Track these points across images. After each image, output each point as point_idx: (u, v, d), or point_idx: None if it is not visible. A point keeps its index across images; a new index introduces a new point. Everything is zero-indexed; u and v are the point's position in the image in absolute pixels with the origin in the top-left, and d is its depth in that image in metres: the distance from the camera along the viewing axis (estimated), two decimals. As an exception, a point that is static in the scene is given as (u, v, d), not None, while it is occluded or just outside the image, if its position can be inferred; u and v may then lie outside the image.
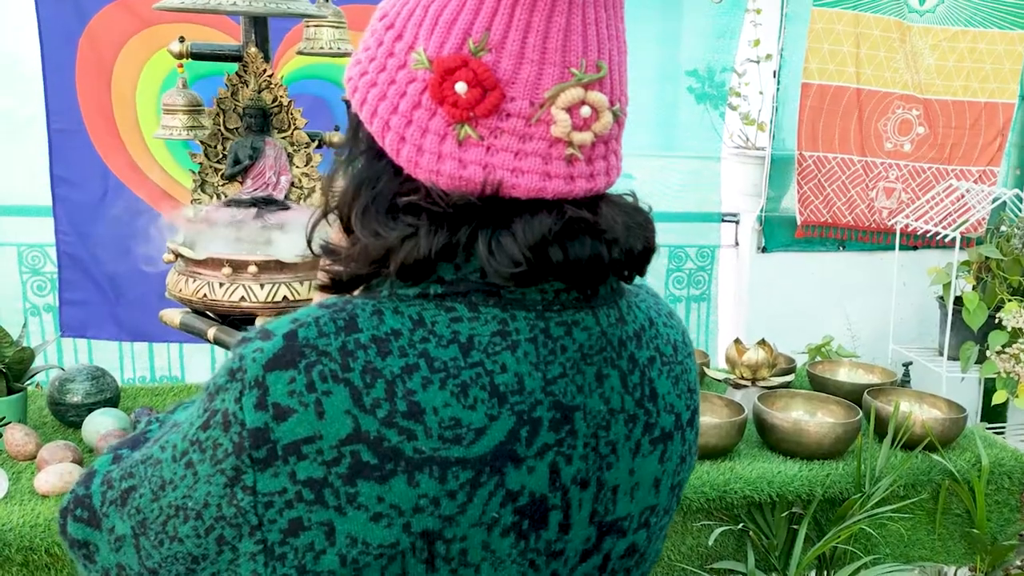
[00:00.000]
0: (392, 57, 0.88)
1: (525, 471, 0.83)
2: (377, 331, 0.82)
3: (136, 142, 3.28)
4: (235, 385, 0.80)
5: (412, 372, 0.80)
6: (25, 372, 2.23)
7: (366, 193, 0.89)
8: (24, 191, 3.61)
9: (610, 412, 0.89)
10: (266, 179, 2.25)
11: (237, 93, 2.25)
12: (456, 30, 0.84)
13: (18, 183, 3.66)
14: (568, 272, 0.85)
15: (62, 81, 3.17)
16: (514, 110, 0.84)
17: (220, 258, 2.08)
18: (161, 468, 0.86)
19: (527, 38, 0.83)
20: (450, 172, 0.85)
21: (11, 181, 3.67)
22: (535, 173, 0.85)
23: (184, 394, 2.63)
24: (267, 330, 0.83)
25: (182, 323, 2.24)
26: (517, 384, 0.83)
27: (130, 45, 3.19)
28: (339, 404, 0.78)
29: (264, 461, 0.78)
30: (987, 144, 3.92)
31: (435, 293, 0.86)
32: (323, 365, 0.79)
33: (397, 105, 0.87)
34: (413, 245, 0.84)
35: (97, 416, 2.21)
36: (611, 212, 0.88)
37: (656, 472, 0.95)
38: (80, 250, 3.36)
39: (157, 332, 3.45)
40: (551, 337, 0.86)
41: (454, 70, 0.84)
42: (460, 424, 0.80)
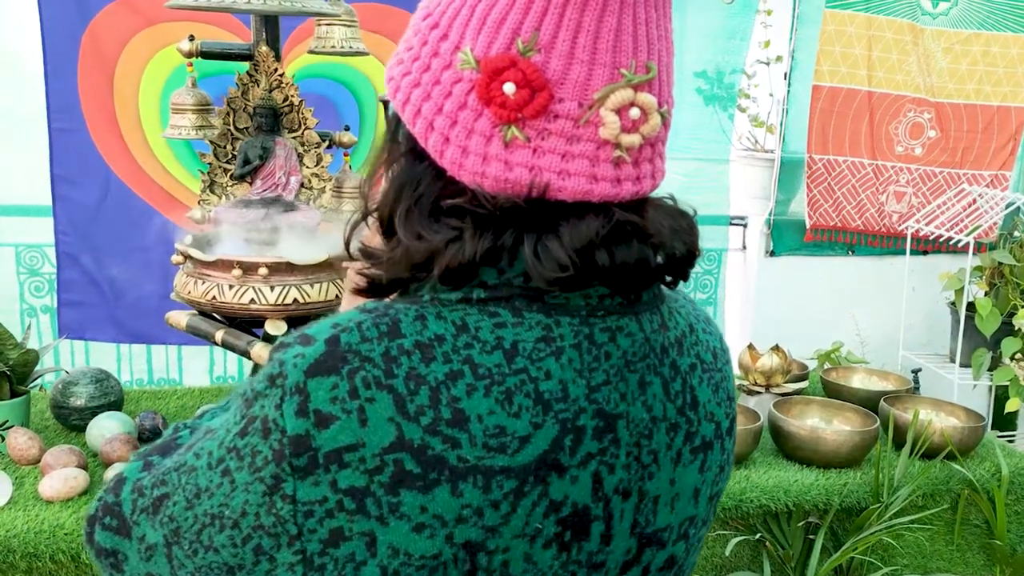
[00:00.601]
0: (437, 57, 0.86)
1: (568, 481, 0.81)
2: (420, 336, 0.80)
3: (138, 142, 3.23)
4: (275, 391, 0.78)
5: (456, 379, 0.78)
6: (29, 375, 2.19)
7: (407, 195, 0.87)
8: (23, 191, 3.57)
9: (652, 420, 0.88)
10: (276, 180, 2.21)
11: (248, 92, 2.21)
12: (505, 30, 0.82)
13: (17, 183, 3.62)
14: (614, 276, 0.84)
15: (64, 80, 3.13)
16: (562, 111, 0.82)
17: (230, 260, 2.04)
18: (196, 476, 0.84)
19: (577, 38, 0.81)
20: (495, 174, 0.83)
21: (9, 181, 3.63)
22: (582, 175, 0.83)
23: (188, 398, 2.58)
24: (307, 335, 0.81)
25: (189, 325, 2.20)
26: (561, 391, 0.81)
27: (133, 43, 3.15)
28: (382, 411, 0.76)
29: (305, 469, 0.76)
30: (999, 148, 3.89)
31: (478, 298, 0.84)
32: (366, 371, 0.77)
33: (442, 106, 0.85)
34: (458, 248, 0.82)
35: (102, 420, 2.16)
36: (657, 215, 0.87)
37: (696, 482, 0.93)
38: (80, 250, 3.31)
39: (157, 334, 3.41)
40: (595, 343, 0.85)
41: (502, 70, 0.82)
42: (504, 432, 0.78)
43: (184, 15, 3.09)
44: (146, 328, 3.41)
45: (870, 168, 3.85)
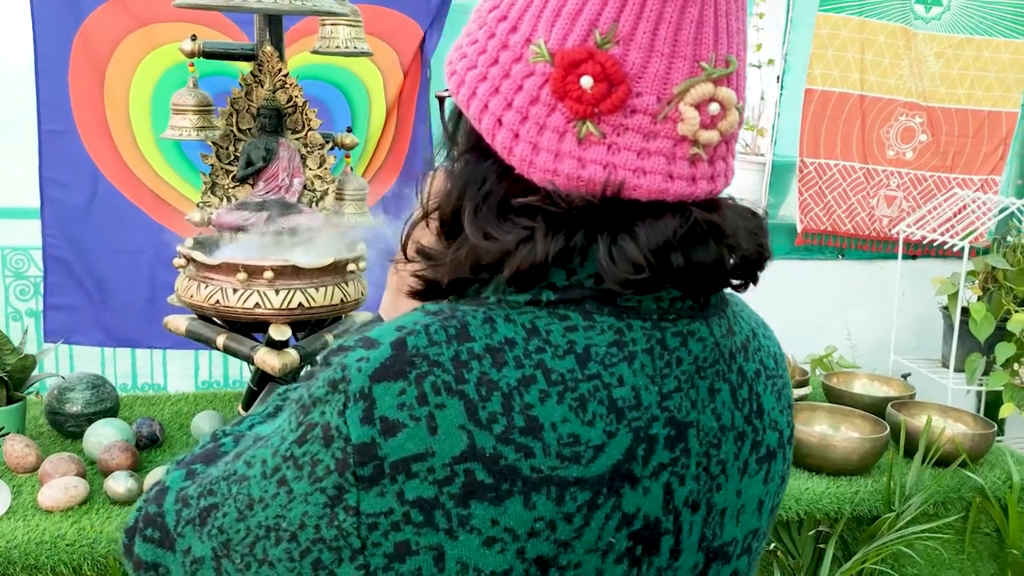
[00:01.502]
0: (506, 50, 0.83)
1: (641, 492, 0.78)
2: (490, 340, 0.77)
3: (128, 144, 3.17)
4: (337, 397, 0.75)
5: (529, 384, 0.75)
6: (26, 380, 2.14)
7: (472, 194, 0.84)
8: (9, 193, 3.50)
9: (721, 429, 0.85)
10: (279, 181, 2.17)
11: (251, 93, 2.17)
12: (581, 21, 0.79)
13: (2, 185, 3.55)
14: (688, 278, 0.81)
15: (54, 81, 3.06)
16: (640, 106, 0.79)
17: (235, 263, 2.00)
18: (249, 485, 0.80)
19: (658, 30, 0.78)
20: (568, 172, 0.80)
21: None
22: (658, 173, 0.80)
23: (183, 404, 2.53)
24: (370, 338, 0.78)
25: (188, 330, 2.16)
26: (634, 399, 0.78)
27: (125, 44, 3.09)
28: (453, 418, 0.73)
29: (370, 479, 0.73)
30: (989, 153, 3.90)
31: (547, 300, 0.81)
32: (435, 376, 0.74)
33: (511, 100, 0.82)
34: (530, 249, 0.79)
35: (99, 427, 2.12)
36: (732, 215, 0.84)
37: (760, 493, 0.91)
38: (67, 253, 3.24)
39: (143, 338, 3.35)
40: (667, 348, 0.82)
41: (579, 63, 0.79)
42: (578, 441, 0.75)
43: (176, 16, 3.04)
44: (133, 332, 3.34)
45: (861, 172, 3.85)
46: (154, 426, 2.21)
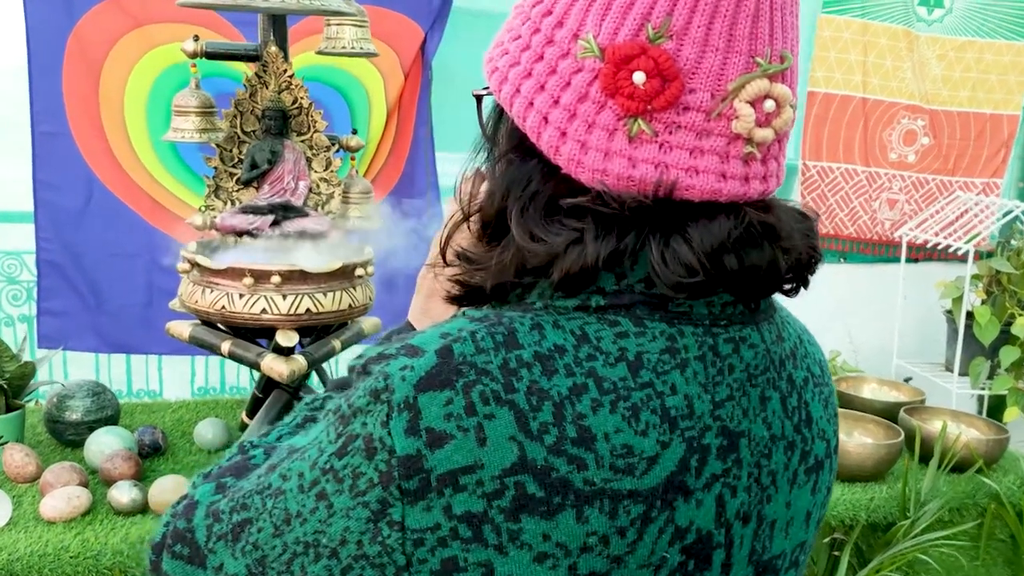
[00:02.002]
0: (552, 45, 0.80)
1: (694, 505, 0.76)
2: (539, 347, 0.74)
3: (123, 146, 3.12)
4: (380, 407, 0.72)
5: (581, 393, 0.72)
6: (25, 388, 2.09)
7: (516, 195, 0.81)
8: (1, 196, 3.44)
9: (772, 439, 0.83)
10: (284, 184, 2.13)
11: (256, 94, 2.12)
12: (633, 15, 0.76)
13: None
14: (742, 282, 0.78)
15: (48, 82, 3.01)
16: (693, 103, 0.76)
17: (241, 267, 1.95)
18: (285, 499, 0.77)
19: (713, 23, 0.75)
20: (618, 171, 0.77)
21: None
22: (712, 173, 0.77)
23: (185, 411, 2.48)
24: (413, 345, 0.75)
25: (192, 336, 2.11)
26: (687, 407, 0.76)
27: (120, 45, 3.04)
28: (503, 429, 0.70)
29: (415, 493, 0.70)
30: (991, 156, 3.88)
31: (596, 305, 0.78)
32: (484, 385, 0.71)
33: (558, 97, 0.79)
34: (579, 251, 0.76)
35: (101, 436, 2.07)
36: (786, 216, 0.81)
37: (808, 505, 0.88)
38: (61, 258, 3.19)
39: (138, 343, 3.32)
40: (719, 355, 0.79)
41: (631, 58, 0.76)
42: (632, 452, 0.73)
43: (172, 16, 3.01)
44: (128, 337, 3.30)
45: (863, 175, 3.83)
46: (156, 434, 2.16)
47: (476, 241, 0.89)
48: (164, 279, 3.17)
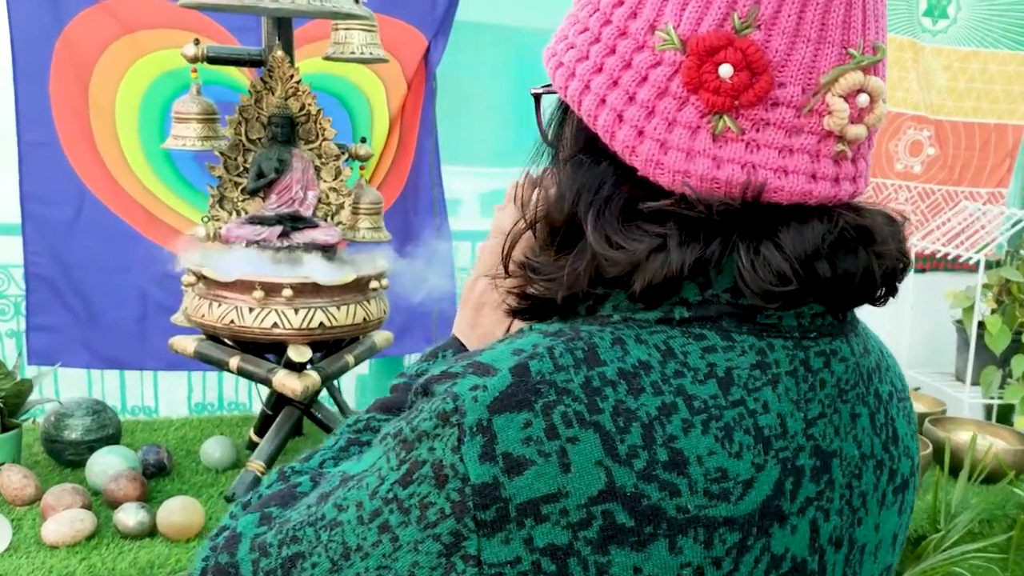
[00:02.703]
0: (625, 37, 0.74)
1: (789, 531, 0.71)
2: (623, 364, 0.68)
3: (114, 156, 3.04)
4: (449, 431, 0.66)
5: (670, 413, 0.67)
6: (21, 406, 2.00)
7: (588, 200, 0.75)
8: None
9: (862, 458, 0.78)
10: (293, 194, 2.05)
11: (261, 100, 2.05)
12: (717, 3, 0.70)
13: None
14: (834, 291, 0.73)
15: (35, 89, 2.92)
16: (783, 98, 0.71)
17: (251, 280, 1.87)
18: (343, 532, 0.71)
19: (805, 12, 0.70)
20: (702, 172, 0.72)
21: (-27, 198, 3.41)
22: (802, 174, 0.72)
23: (188, 429, 2.40)
24: (482, 363, 0.69)
25: (197, 352, 2.03)
26: (780, 426, 0.71)
27: (111, 51, 2.96)
28: (588, 453, 0.65)
29: (492, 524, 0.65)
30: (996, 165, 3.86)
31: (680, 317, 0.72)
32: (565, 406, 0.66)
33: (634, 94, 0.73)
34: (663, 259, 0.71)
35: (103, 455, 1.98)
36: (878, 220, 0.76)
37: (895, 526, 0.84)
38: (51, 271, 3.09)
39: (133, 359, 3.22)
40: (811, 370, 0.74)
41: (716, 50, 0.70)
42: (727, 476, 0.67)
43: (165, 22, 2.93)
44: (122, 353, 3.20)
45: (870, 186, 3.78)
46: (161, 453, 2.07)
47: (539, 250, 0.83)
48: (159, 292, 3.09)
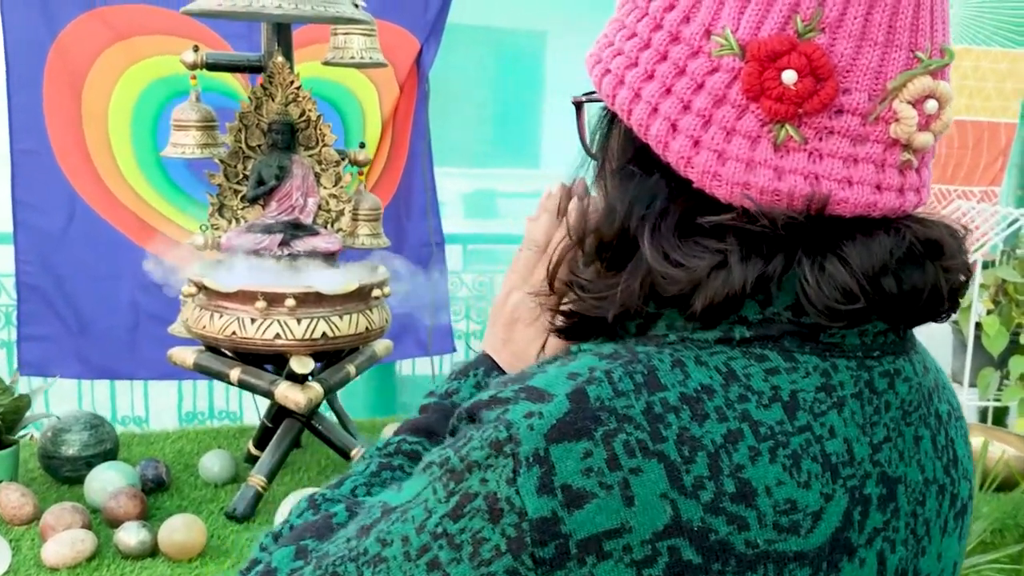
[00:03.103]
0: (678, 43, 0.71)
1: (857, 564, 0.67)
2: (685, 388, 0.64)
3: (107, 163, 2.99)
4: (504, 461, 0.62)
5: (736, 441, 0.63)
6: (19, 422, 1.95)
7: (640, 213, 0.72)
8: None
9: (925, 483, 0.74)
10: (293, 201, 2.02)
11: (261, 107, 2.01)
12: (779, 5, 0.67)
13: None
14: (900, 307, 0.69)
15: (28, 98, 2.87)
16: (848, 105, 0.67)
17: (253, 290, 1.84)
18: (388, 569, 0.66)
19: (872, 14, 0.66)
20: (763, 184, 0.68)
21: (-37, 206, 3.35)
22: (866, 184, 0.68)
23: (185, 442, 2.35)
24: (535, 388, 0.64)
25: (197, 364, 1.99)
26: (847, 453, 0.67)
27: (104, 58, 2.91)
28: (652, 485, 0.61)
29: (552, 562, 0.61)
30: (989, 164, 3.84)
31: (740, 337, 0.68)
32: (627, 434, 0.61)
33: (689, 102, 0.70)
34: (725, 277, 0.67)
35: (102, 472, 1.94)
36: (944, 232, 0.72)
37: (955, 554, 0.80)
38: (43, 280, 3.04)
39: (124, 368, 3.18)
40: (875, 391, 0.70)
41: (779, 55, 0.67)
42: (796, 507, 0.64)
43: (158, 28, 2.89)
44: (113, 362, 3.16)
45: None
46: (160, 468, 2.03)
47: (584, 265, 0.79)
48: (150, 301, 3.04)
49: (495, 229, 8.09)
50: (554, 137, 9.00)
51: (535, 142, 9.35)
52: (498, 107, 8.58)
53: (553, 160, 9.47)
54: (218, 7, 1.78)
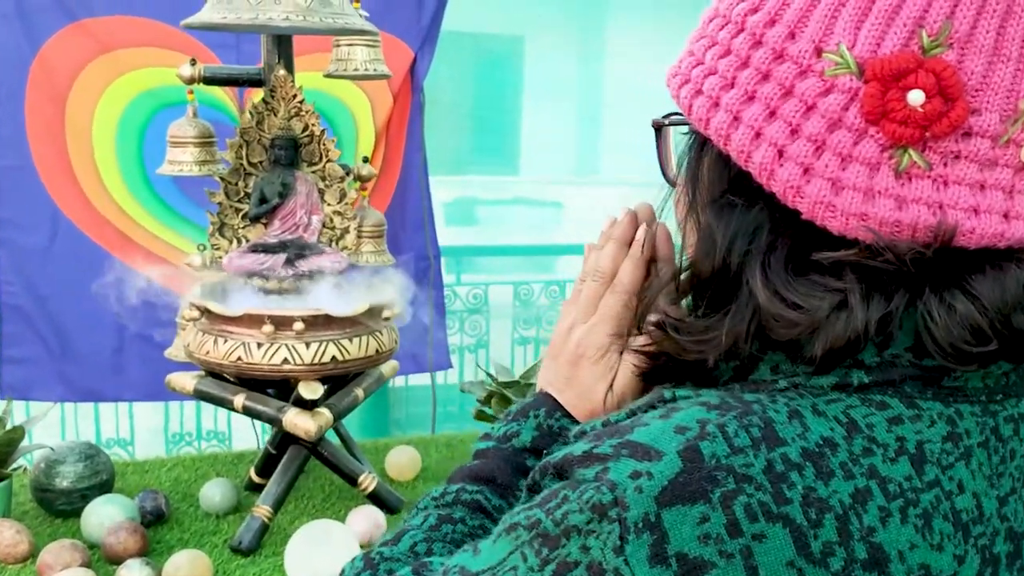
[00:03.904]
0: (783, 61, 0.64)
1: None
2: (805, 442, 0.58)
3: (91, 179, 2.90)
4: (608, 527, 0.56)
5: (865, 500, 0.57)
6: (12, 455, 1.86)
7: (743, 249, 0.65)
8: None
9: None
10: (296, 220, 1.94)
11: (263, 122, 1.93)
12: (902, 19, 0.61)
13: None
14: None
15: (9, 112, 2.78)
16: (978, 127, 0.61)
17: (260, 314, 1.76)
18: None
19: (1005, 27, 0.61)
20: (883, 215, 0.62)
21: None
22: (995, 213, 0.63)
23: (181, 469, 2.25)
24: (641, 444, 0.58)
25: (197, 390, 1.91)
26: (976, 509, 0.61)
27: (88, 71, 2.82)
28: (778, 553, 0.55)
29: None
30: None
31: (858, 383, 0.62)
32: (748, 496, 0.56)
33: (798, 126, 0.63)
34: (847, 319, 0.61)
35: (100, 506, 1.85)
36: None
37: None
38: (25, 301, 2.95)
39: (108, 391, 3.09)
40: (1001, 439, 0.65)
41: (904, 74, 0.60)
42: (930, 572, 0.58)
43: (142, 40, 2.81)
44: (97, 384, 3.07)
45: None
46: (159, 499, 1.94)
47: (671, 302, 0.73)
48: (136, 321, 2.95)
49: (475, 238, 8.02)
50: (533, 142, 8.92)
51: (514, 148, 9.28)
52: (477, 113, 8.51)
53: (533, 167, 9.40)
54: (222, 20, 1.69)
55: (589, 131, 9.45)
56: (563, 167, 9.34)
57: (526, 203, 9.36)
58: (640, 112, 3.39)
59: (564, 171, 9.39)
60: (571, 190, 9.01)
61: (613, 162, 8.66)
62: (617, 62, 8.19)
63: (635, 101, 3.47)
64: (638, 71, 3.72)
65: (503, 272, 4.28)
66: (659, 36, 3.67)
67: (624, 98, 3.78)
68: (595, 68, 8.97)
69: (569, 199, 9.03)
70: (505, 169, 9.19)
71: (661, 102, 0.77)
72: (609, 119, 8.68)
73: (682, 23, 3.38)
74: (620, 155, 4.23)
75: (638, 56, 3.54)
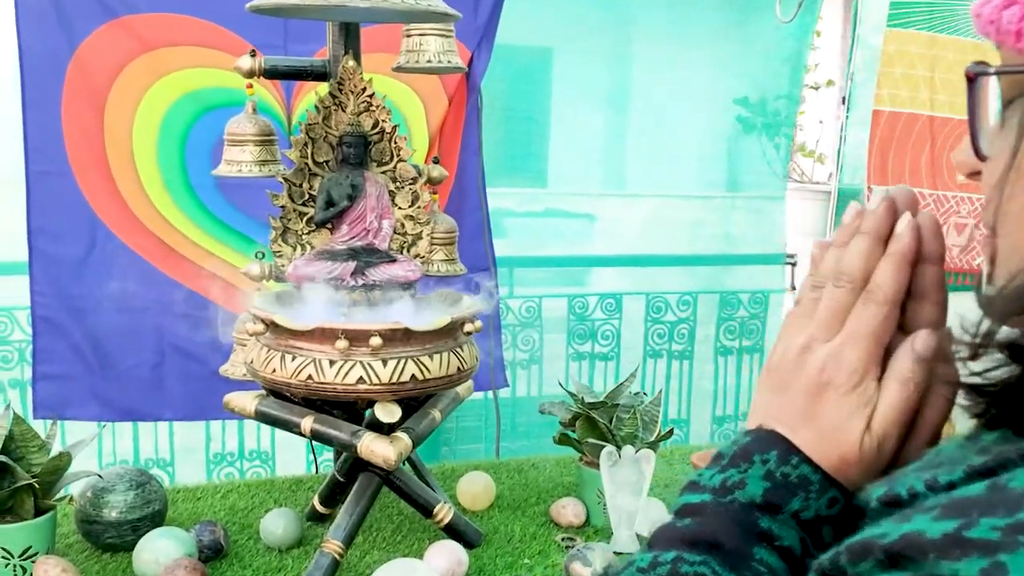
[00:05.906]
0: None
1: None
2: None
3: (131, 185, 2.73)
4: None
5: None
6: (57, 484, 1.69)
7: None
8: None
9: None
10: (366, 224, 1.77)
11: (329, 118, 1.76)
12: None
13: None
14: None
15: (45, 115, 2.62)
16: None
17: (334, 328, 1.58)
18: None
19: None
20: None
21: (-27, 233, 3.09)
22: None
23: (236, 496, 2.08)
24: None
25: (259, 411, 1.74)
26: None
27: (127, 72, 2.66)
28: None
29: None
30: None
31: None
32: None
33: None
34: None
35: (154, 540, 1.68)
36: None
37: None
38: (60, 314, 2.78)
39: (148, 409, 2.92)
40: None
41: None
42: None
43: (186, 39, 2.65)
44: (136, 402, 2.90)
45: (931, 199, 3.54)
46: (217, 532, 1.77)
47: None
48: (177, 336, 2.79)
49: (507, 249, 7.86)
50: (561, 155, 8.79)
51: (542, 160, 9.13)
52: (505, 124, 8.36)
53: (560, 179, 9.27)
54: (292, 2, 1.53)
55: (616, 143, 9.32)
56: (592, 179, 9.20)
57: (557, 215, 9.20)
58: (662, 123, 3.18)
59: (593, 183, 9.25)
60: (602, 202, 8.86)
61: (641, 174, 8.53)
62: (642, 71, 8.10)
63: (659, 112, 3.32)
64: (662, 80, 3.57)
65: (551, 285, 4.09)
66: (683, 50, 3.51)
67: (651, 108, 3.64)
68: (622, 78, 8.84)
69: (600, 211, 8.88)
70: (534, 181, 9.04)
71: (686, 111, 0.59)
72: (634, 130, 8.56)
73: (709, 37, 3.21)
74: (649, 166, 4.12)
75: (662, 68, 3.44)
